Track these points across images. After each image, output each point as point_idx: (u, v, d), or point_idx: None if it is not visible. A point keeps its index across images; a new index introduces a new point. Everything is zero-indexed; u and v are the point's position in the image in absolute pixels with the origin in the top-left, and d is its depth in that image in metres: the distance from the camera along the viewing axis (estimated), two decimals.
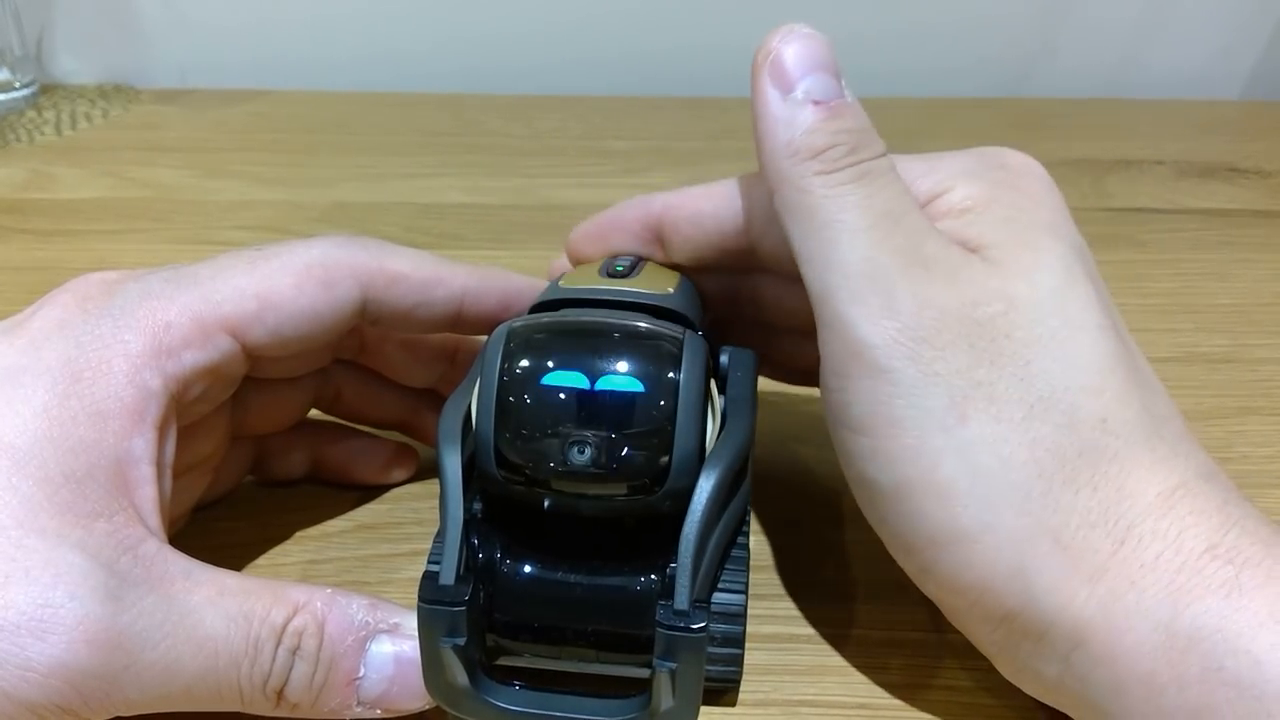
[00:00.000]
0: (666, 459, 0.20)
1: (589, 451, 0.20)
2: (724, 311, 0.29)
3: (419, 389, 0.31)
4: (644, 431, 0.20)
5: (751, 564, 0.24)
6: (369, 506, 0.31)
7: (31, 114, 0.61)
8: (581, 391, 0.20)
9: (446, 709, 0.21)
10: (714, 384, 0.23)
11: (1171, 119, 0.62)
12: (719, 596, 0.23)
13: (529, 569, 0.22)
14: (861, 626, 0.26)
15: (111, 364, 0.22)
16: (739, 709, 0.24)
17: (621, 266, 0.26)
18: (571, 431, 0.20)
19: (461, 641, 0.20)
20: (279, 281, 0.24)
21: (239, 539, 0.29)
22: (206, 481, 0.28)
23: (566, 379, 0.20)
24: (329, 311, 0.25)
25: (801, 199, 0.22)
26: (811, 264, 0.22)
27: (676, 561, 0.20)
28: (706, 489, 0.21)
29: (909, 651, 0.25)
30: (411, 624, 0.21)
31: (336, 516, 0.30)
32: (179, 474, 0.24)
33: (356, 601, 0.22)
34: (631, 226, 0.27)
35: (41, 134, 0.58)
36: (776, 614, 0.27)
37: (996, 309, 0.21)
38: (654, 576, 0.22)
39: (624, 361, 0.21)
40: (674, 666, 0.20)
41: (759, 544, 0.29)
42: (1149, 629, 0.19)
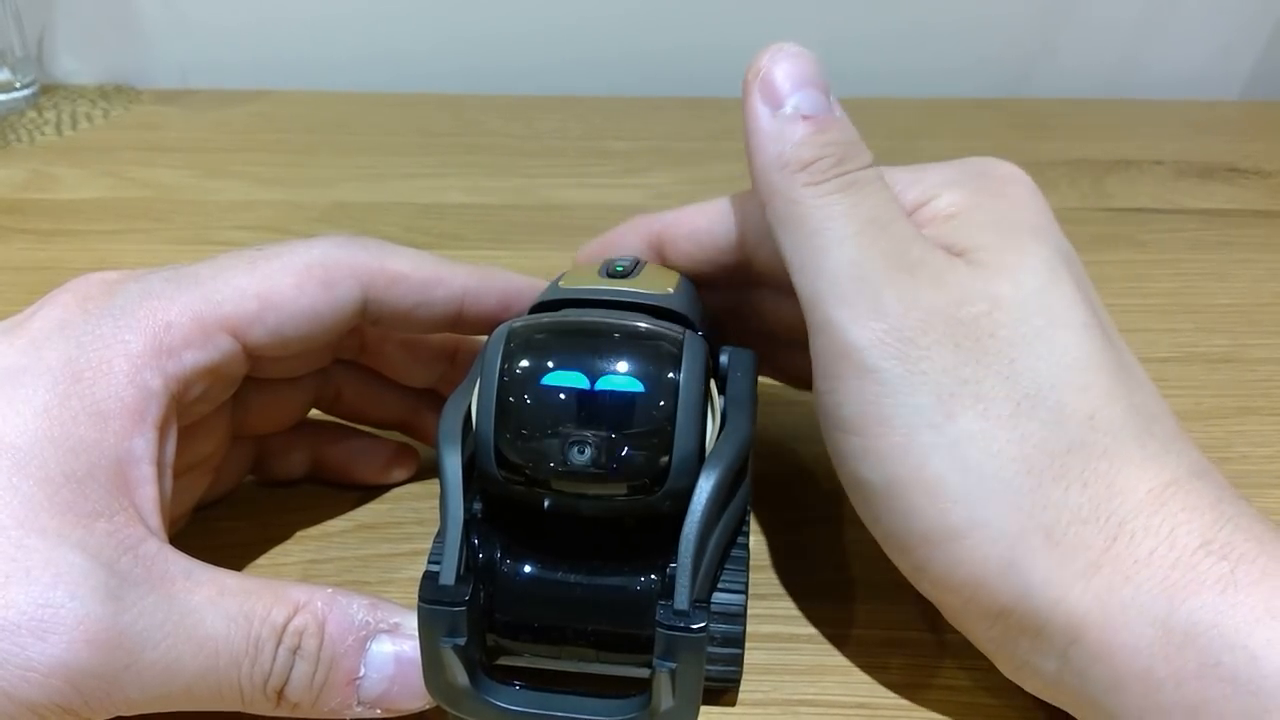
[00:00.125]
0: (666, 459, 0.20)
1: (589, 451, 0.20)
2: (727, 324, 0.29)
3: (419, 389, 0.31)
4: (644, 431, 0.20)
5: (751, 564, 0.24)
6: (369, 506, 0.31)
7: (32, 114, 0.61)
8: (581, 391, 0.20)
9: (446, 709, 0.21)
10: (714, 384, 0.23)
11: (1171, 119, 0.62)
12: (719, 596, 0.23)
13: (529, 569, 0.22)
14: (861, 626, 0.26)
15: (112, 364, 0.22)
16: (739, 709, 0.24)
17: (621, 267, 0.26)
18: (571, 431, 0.20)
19: (461, 641, 0.20)
20: (280, 281, 0.24)
21: (239, 539, 0.29)
22: (207, 481, 0.28)
23: (566, 379, 0.20)
24: (329, 311, 0.25)
25: (791, 209, 0.23)
26: (801, 271, 0.23)
27: (676, 561, 0.20)
28: (706, 489, 0.21)
29: (909, 651, 0.25)
30: (412, 624, 0.21)
31: (337, 516, 0.30)
32: (179, 474, 0.24)
33: (357, 601, 0.22)
34: (634, 245, 0.28)
35: (42, 134, 0.58)
36: (776, 614, 0.27)
37: (981, 309, 0.22)
38: (654, 576, 0.22)
39: (624, 361, 0.21)
40: (674, 666, 0.20)
41: (759, 544, 0.29)
42: (1145, 624, 0.19)
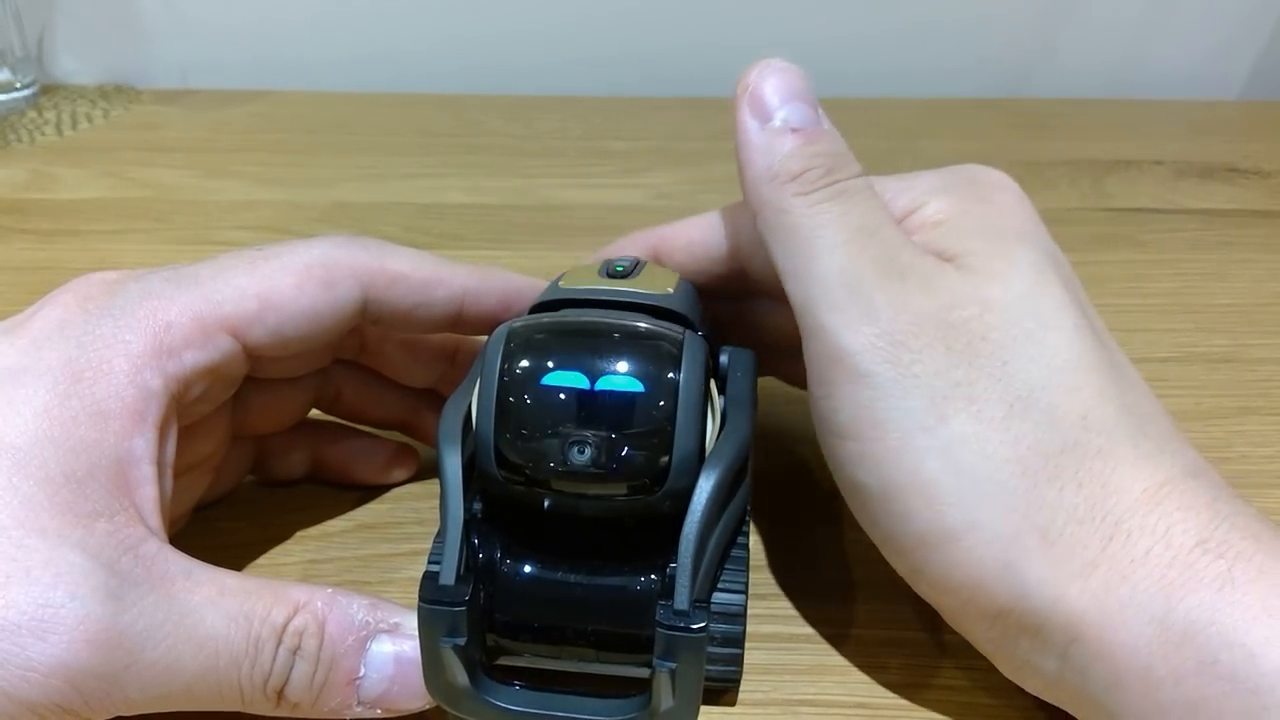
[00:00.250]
0: (666, 459, 0.20)
1: (589, 451, 0.20)
2: (728, 335, 0.29)
3: (419, 389, 0.31)
4: (644, 431, 0.20)
5: (751, 564, 0.25)
6: (369, 506, 0.31)
7: (32, 114, 0.61)
8: (581, 391, 0.20)
9: (446, 709, 0.21)
10: (714, 384, 0.23)
11: (1171, 119, 0.62)
12: (719, 596, 0.23)
13: (529, 569, 0.22)
14: (861, 626, 0.26)
15: (112, 364, 0.22)
16: (739, 709, 0.24)
17: (621, 267, 0.26)
18: (571, 431, 0.20)
19: (461, 641, 0.20)
20: (280, 281, 0.24)
21: (240, 539, 0.29)
22: (207, 481, 0.28)
23: (566, 379, 0.20)
24: (329, 311, 0.25)
25: (782, 219, 0.23)
26: (793, 279, 0.23)
27: (676, 561, 0.20)
28: (706, 489, 0.21)
29: (909, 651, 0.25)
30: (412, 624, 0.21)
31: (337, 516, 0.30)
32: (180, 474, 0.24)
33: (357, 601, 0.22)
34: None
35: (42, 134, 0.58)
36: (776, 614, 0.27)
37: (971, 312, 0.22)
38: (654, 576, 0.22)
39: (624, 361, 0.21)
40: (674, 666, 0.20)
41: (759, 544, 0.29)
42: (1143, 623, 0.19)
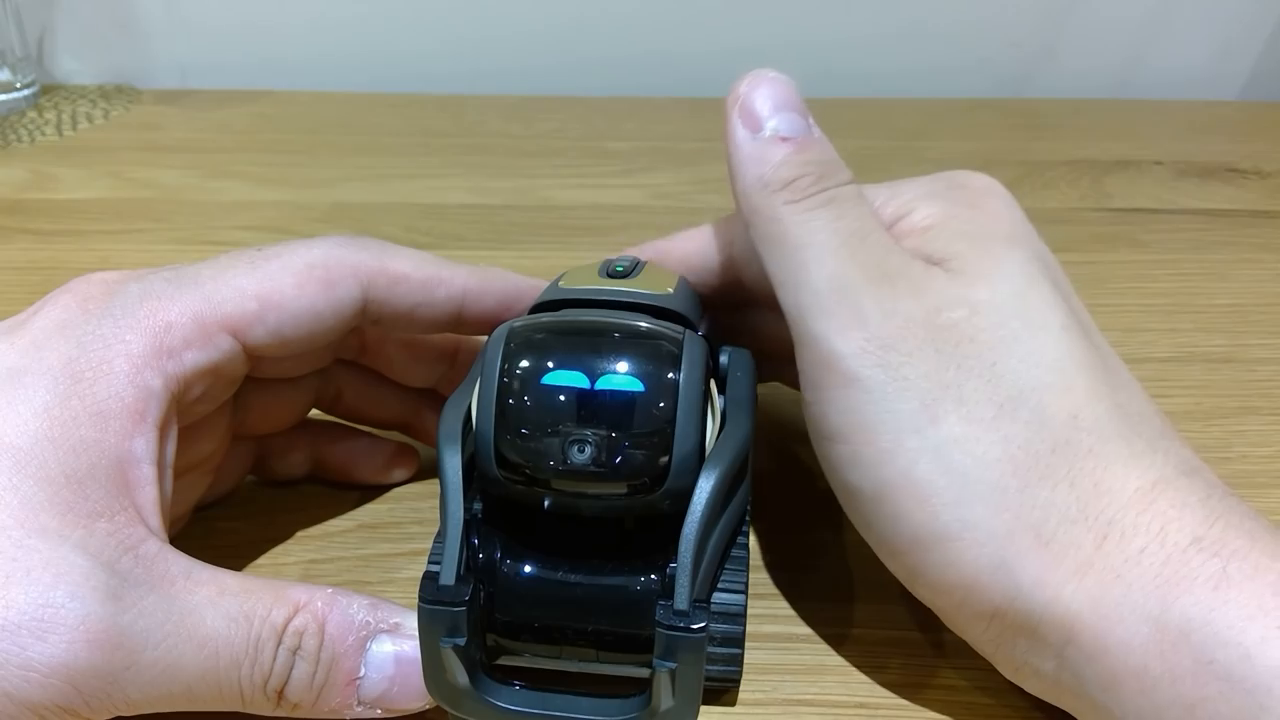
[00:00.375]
0: (666, 458, 0.20)
1: (589, 450, 0.20)
2: (726, 344, 0.29)
3: (420, 389, 0.31)
4: (644, 431, 0.20)
5: (751, 564, 0.25)
6: (370, 506, 0.31)
7: (32, 114, 0.61)
8: (582, 391, 0.20)
9: (447, 709, 0.21)
10: (714, 384, 0.23)
11: (1171, 119, 0.62)
12: (719, 596, 0.23)
13: (529, 569, 0.22)
14: (861, 626, 0.26)
15: (113, 364, 0.22)
16: (739, 709, 0.24)
17: (621, 267, 0.26)
18: (572, 430, 0.20)
19: (462, 641, 0.20)
20: (280, 282, 0.24)
21: (240, 539, 0.29)
22: (207, 481, 0.28)
23: (567, 378, 0.20)
24: (330, 312, 0.25)
25: (773, 228, 0.23)
26: (785, 287, 0.23)
27: (676, 561, 0.20)
28: (706, 489, 0.21)
29: (909, 651, 0.25)
30: (412, 624, 0.21)
31: (337, 516, 0.30)
32: (180, 474, 0.24)
33: (357, 601, 0.22)
34: None
35: (43, 134, 0.58)
36: (776, 614, 0.27)
37: (959, 314, 0.22)
38: (654, 576, 0.22)
39: (624, 361, 0.21)
40: (674, 666, 0.20)
41: (759, 544, 0.29)
42: (1138, 622, 0.19)
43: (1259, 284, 0.43)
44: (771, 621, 0.26)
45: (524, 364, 0.21)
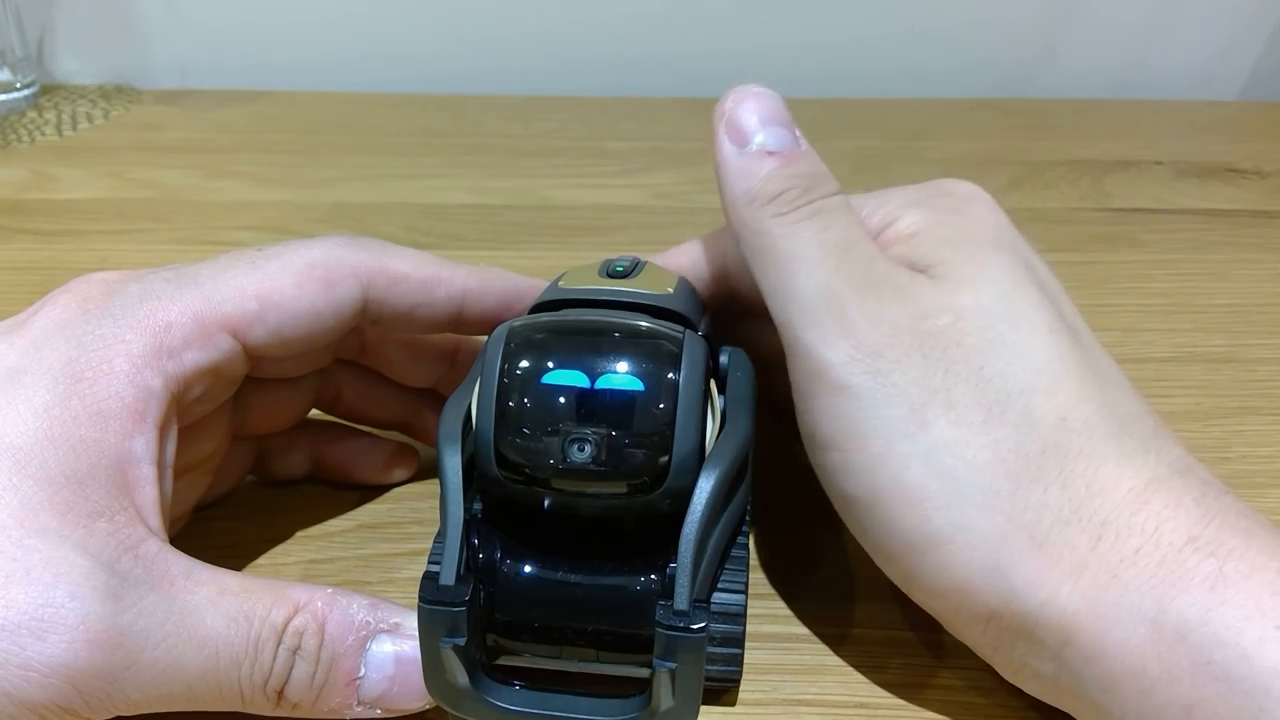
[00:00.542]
0: (666, 458, 0.20)
1: (589, 449, 0.20)
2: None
3: (420, 389, 0.31)
4: (644, 430, 0.20)
5: (751, 564, 0.25)
6: (370, 506, 0.31)
7: (32, 114, 0.61)
8: (582, 390, 0.20)
9: (447, 709, 0.21)
10: (714, 384, 0.23)
11: (1171, 119, 0.62)
12: (719, 596, 0.23)
13: (529, 569, 0.22)
14: (861, 626, 0.26)
15: (113, 364, 0.22)
16: (739, 709, 0.24)
17: (621, 267, 0.26)
18: (572, 429, 0.20)
19: (462, 641, 0.20)
20: (280, 281, 0.24)
21: (240, 539, 0.29)
22: (207, 481, 0.28)
23: (567, 378, 0.20)
24: (330, 312, 0.25)
25: (761, 240, 0.24)
26: (774, 298, 0.24)
27: (676, 561, 0.20)
28: (706, 489, 0.21)
29: (909, 651, 0.25)
30: (412, 624, 0.21)
31: (337, 516, 0.30)
32: (180, 474, 0.24)
33: (357, 601, 0.22)
34: None
35: (43, 134, 0.58)
36: (776, 614, 0.27)
37: (945, 320, 0.22)
38: (654, 576, 0.22)
39: (624, 361, 0.21)
40: (674, 666, 0.20)
41: (759, 544, 0.29)
42: (1135, 623, 0.19)
43: (1259, 284, 0.43)
44: (771, 621, 0.26)
45: (524, 364, 0.21)
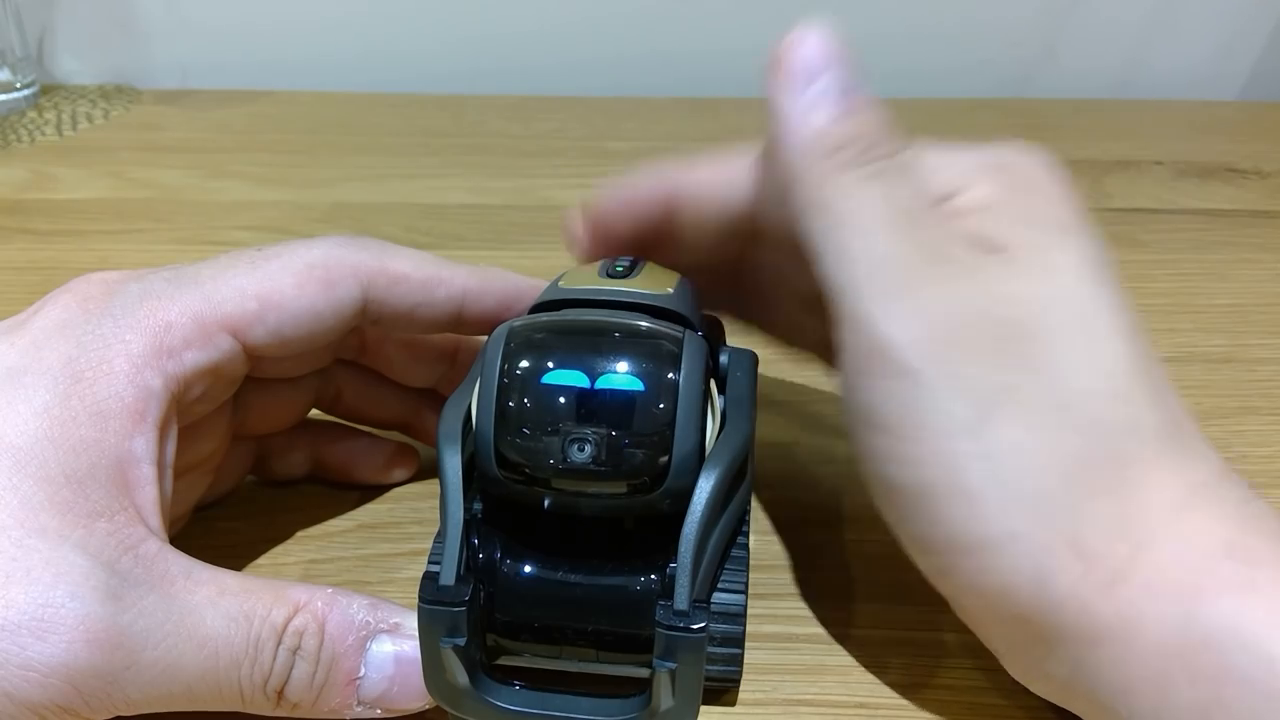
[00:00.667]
0: (666, 458, 0.20)
1: (589, 449, 0.20)
2: (725, 280, 0.28)
3: (420, 389, 0.31)
4: (644, 430, 0.20)
5: (751, 564, 0.25)
6: (370, 506, 0.31)
7: (32, 114, 0.61)
8: (581, 390, 0.20)
9: (446, 709, 0.21)
10: (714, 384, 0.23)
11: (1171, 119, 0.62)
12: (719, 596, 0.23)
13: (529, 569, 0.22)
14: (861, 626, 0.26)
15: (112, 364, 0.22)
16: (739, 709, 0.24)
17: (621, 267, 0.26)
18: (571, 429, 0.20)
19: (462, 641, 0.20)
20: (280, 281, 0.24)
21: (240, 538, 0.29)
22: (207, 481, 0.28)
23: (567, 378, 0.20)
24: (330, 311, 0.25)
25: (818, 195, 0.22)
26: (830, 260, 0.22)
27: (676, 561, 0.20)
28: (706, 489, 0.21)
29: (909, 651, 0.25)
30: (412, 624, 0.21)
31: (337, 516, 0.30)
32: (180, 474, 0.24)
33: (357, 601, 0.22)
34: (644, 205, 0.27)
35: (43, 134, 0.58)
36: (776, 614, 0.27)
37: (1023, 310, 0.21)
38: (654, 576, 0.22)
39: (624, 361, 0.21)
40: (674, 666, 0.20)
41: (759, 544, 0.29)
42: (1164, 632, 0.19)
43: (1259, 284, 0.43)
44: (771, 621, 0.26)
45: (524, 364, 0.21)
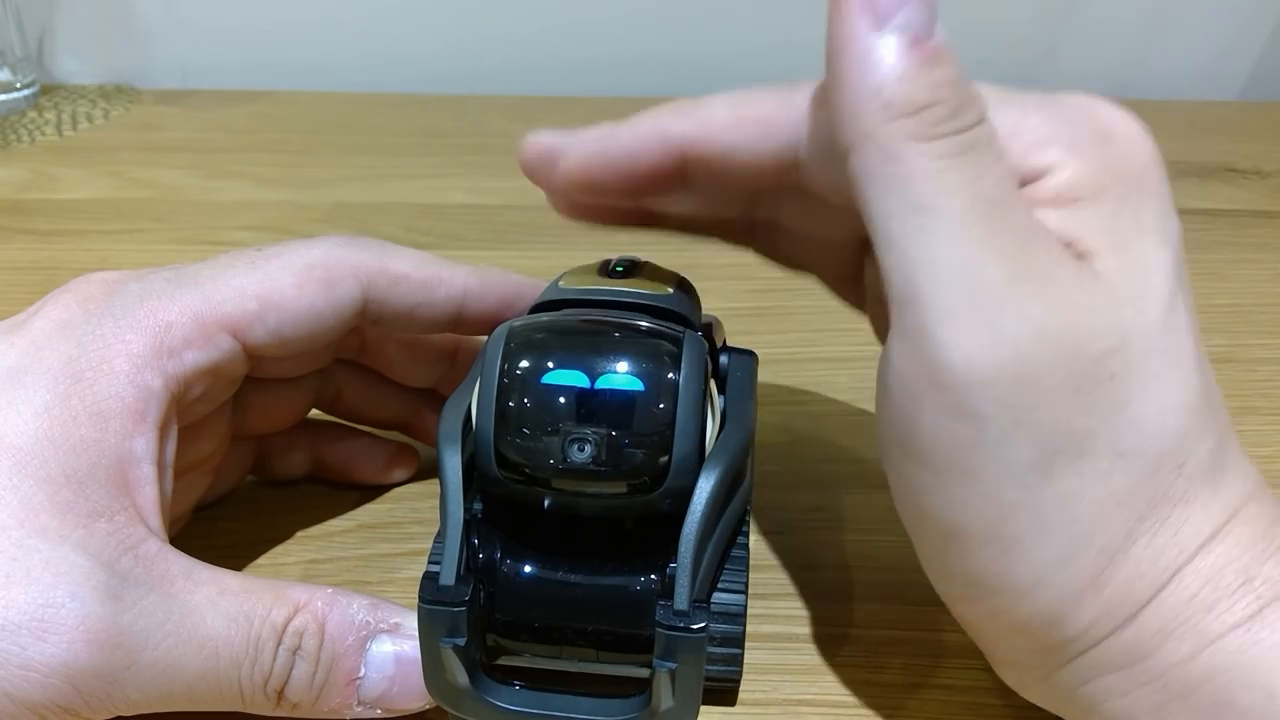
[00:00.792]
0: (666, 458, 0.20)
1: (589, 449, 0.20)
2: (724, 220, 0.26)
3: (420, 389, 0.31)
4: (644, 430, 0.20)
5: (751, 564, 0.25)
6: (370, 506, 0.31)
7: (33, 114, 0.61)
8: (581, 390, 0.20)
9: (447, 709, 0.21)
10: (714, 384, 0.23)
11: (1171, 119, 0.61)
12: (719, 596, 0.23)
13: (529, 569, 0.22)
14: (861, 627, 0.26)
15: (113, 364, 0.22)
16: (739, 709, 0.24)
17: (621, 267, 0.26)
18: (571, 429, 0.20)
19: (462, 641, 0.20)
20: (280, 281, 0.24)
21: (240, 538, 0.29)
22: (208, 481, 0.28)
23: (566, 378, 0.20)
24: (330, 311, 0.25)
25: (891, 169, 0.18)
26: (896, 249, 0.18)
27: (676, 561, 0.20)
28: (706, 489, 0.21)
29: (909, 651, 0.25)
30: (412, 624, 0.21)
31: (337, 516, 0.30)
32: (180, 474, 0.24)
33: (357, 601, 0.22)
34: (649, 154, 0.23)
35: (43, 134, 0.58)
36: (776, 614, 0.27)
37: (1109, 343, 0.18)
38: (654, 576, 0.22)
39: (624, 360, 0.21)
40: (674, 666, 0.20)
41: (759, 544, 0.29)
42: (1168, 666, 0.19)
43: (1259, 284, 0.43)
44: (771, 621, 0.26)
45: (524, 364, 0.21)
